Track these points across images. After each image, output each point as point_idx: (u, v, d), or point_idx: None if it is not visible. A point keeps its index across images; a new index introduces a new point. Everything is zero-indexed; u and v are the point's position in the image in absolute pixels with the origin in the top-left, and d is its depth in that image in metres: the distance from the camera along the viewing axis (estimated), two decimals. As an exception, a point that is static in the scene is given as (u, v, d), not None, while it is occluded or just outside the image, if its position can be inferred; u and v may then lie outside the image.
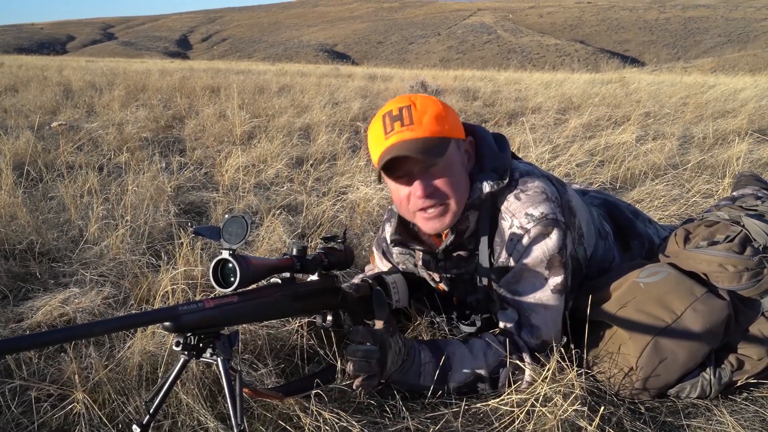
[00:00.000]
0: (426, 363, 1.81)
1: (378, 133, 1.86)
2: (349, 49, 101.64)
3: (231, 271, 1.49)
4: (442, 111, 1.86)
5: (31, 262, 2.73)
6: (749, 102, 8.59)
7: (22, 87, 9.11)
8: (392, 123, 1.83)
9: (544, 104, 8.77)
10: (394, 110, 1.85)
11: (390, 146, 1.81)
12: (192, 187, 4.17)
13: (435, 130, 1.82)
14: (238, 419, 1.39)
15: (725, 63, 39.46)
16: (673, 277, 1.91)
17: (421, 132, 1.80)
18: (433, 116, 1.83)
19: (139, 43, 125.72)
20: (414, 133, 1.80)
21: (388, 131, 1.83)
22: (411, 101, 1.85)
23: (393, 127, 1.82)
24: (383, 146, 1.83)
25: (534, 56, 77.97)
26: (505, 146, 2.01)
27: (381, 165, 1.81)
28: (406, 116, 1.82)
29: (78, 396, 1.69)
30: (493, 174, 1.91)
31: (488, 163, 1.94)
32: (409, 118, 1.82)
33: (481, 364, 1.81)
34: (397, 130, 1.81)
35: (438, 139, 1.82)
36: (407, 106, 1.83)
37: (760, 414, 1.82)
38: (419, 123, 1.81)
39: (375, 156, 1.88)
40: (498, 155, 1.96)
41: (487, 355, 1.82)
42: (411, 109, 1.83)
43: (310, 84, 10.88)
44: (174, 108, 7.47)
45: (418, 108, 1.83)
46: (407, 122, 1.81)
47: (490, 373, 1.82)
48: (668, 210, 3.73)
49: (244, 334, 2.07)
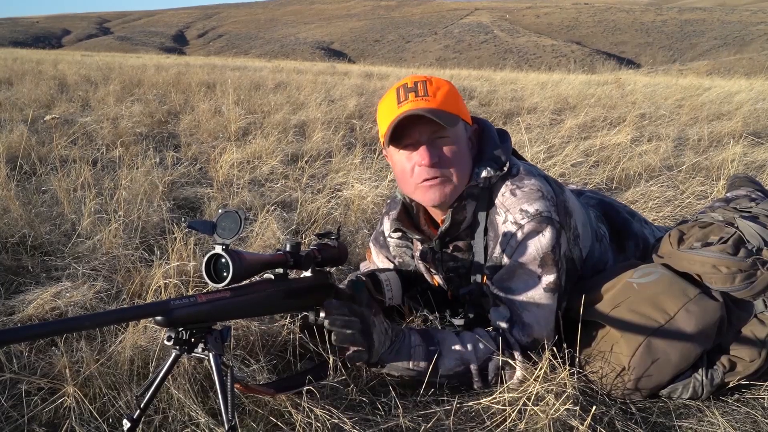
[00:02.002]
0: (416, 346, 1.82)
1: (391, 103, 1.89)
2: (346, 47, 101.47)
3: (224, 266, 1.48)
4: (456, 92, 1.92)
5: (24, 255, 2.72)
6: (744, 105, 8.60)
7: (17, 80, 9.06)
8: (406, 93, 1.87)
9: (540, 104, 8.77)
10: (409, 83, 1.89)
11: (403, 111, 1.83)
12: (186, 183, 4.16)
13: (448, 105, 1.86)
14: (229, 415, 1.38)
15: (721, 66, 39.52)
16: (666, 277, 1.91)
17: (435, 104, 1.84)
18: (446, 92, 1.88)
19: (135, 38, 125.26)
20: (428, 103, 1.84)
21: (401, 100, 1.86)
22: (426, 78, 1.90)
23: (407, 97, 1.86)
24: (395, 113, 1.85)
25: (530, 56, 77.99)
26: (506, 140, 2.04)
27: (391, 129, 1.83)
28: (421, 89, 1.86)
29: (68, 390, 1.68)
30: (492, 163, 1.94)
31: (489, 153, 1.97)
32: (423, 90, 1.86)
33: (471, 356, 1.82)
34: (411, 100, 1.85)
35: (450, 113, 1.85)
36: (423, 81, 1.88)
37: (751, 415, 1.82)
38: (433, 96, 1.85)
39: (384, 124, 1.90)
40: (499, 147, 1.99)
41: (477, 348, 1.82)
42: (426, 84, 1.88)
43: (307, 81, 10.85)
44: (169, 103, 7.44)
45: (434, 84, 1.88)
46: (422, 93, 1.85)
47: (480, 366, 1.82)
48: (662, 211, 3.73)
49: (236, 329, 2.06)
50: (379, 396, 1.84)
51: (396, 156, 1.94)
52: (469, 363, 1.82)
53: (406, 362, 1.81)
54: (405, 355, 1.81)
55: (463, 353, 1.82)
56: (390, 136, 1.86)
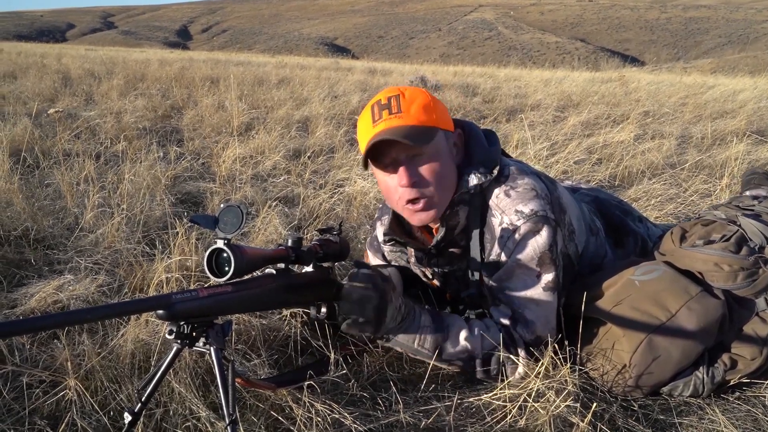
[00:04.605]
0: (425, 326, 1.81)
1: (366, 121, 1.87)
2: (350, 43, 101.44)
3: (225, 261, 1.48)
4: (430, 102, 1.87)
5: (26, 248, 2.72)
6: (748, 103, 8.58)
7: (21, 74, 9.06)
8: (380, 111, 1.84)
9: (544, 101, 8.76)
10: (382, 99, 1.86)
11: (377, 133, 1.81)
12: (189, 177, 4.16)
13: (422, 119, 1.83)
14: (230, 409, 1.38)
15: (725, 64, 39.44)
16: (668, 275, 1.91)
17: (409, 120, 1.81)
18: (420, 105, 1.84)
19: (139, 32, 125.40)
20: (401, 120, 1.81)
21: (376, 119, 1.84)
22: (400, 91, 1.87)
23: (381, 116, 1.83)
24: (371, 134, 1.83)
25: (534, 53, 77.90)
26: (494, 141, 2.01)
27: (367, 150, 1.82)
28: (394, 105, 1.83)
29: (70, 383, 1.69)
30: (481, 167, 1.91)
31: (477, 156, 1.94)
32: (397, 107, 1.83)
33: (477, 346, 1.81)
34: (384, 118, 1.82)
35: (425, 127, 1.83)
36: (395, 96, 1.85)
37: (752, 413, 1.82)
38: (407, 111, 1.82)
39: (363, 144, 1.88)
40: (487, 149, 1.96)
41: (484, 338, 1.82)
42: (399, 98, 1.84)
43: (310, 77, 10.84)
44: (172, 98, 7.44)
45: (407, 97, 1.85)
46: (395, 110, 1.82)
47: (483, 358, 1.82)
48: (665, 209, 3.73)
49: (237, 324, 2.07)
50: (380, 391, 1.84)
51: (378, 174, 1.93)
52: (473, 352, 1.82)
53: (412, 341, 1.81)
54: (412, 334, 1.80)
55: (470, 342, 1.81)
56: (367, 159, 1.85)
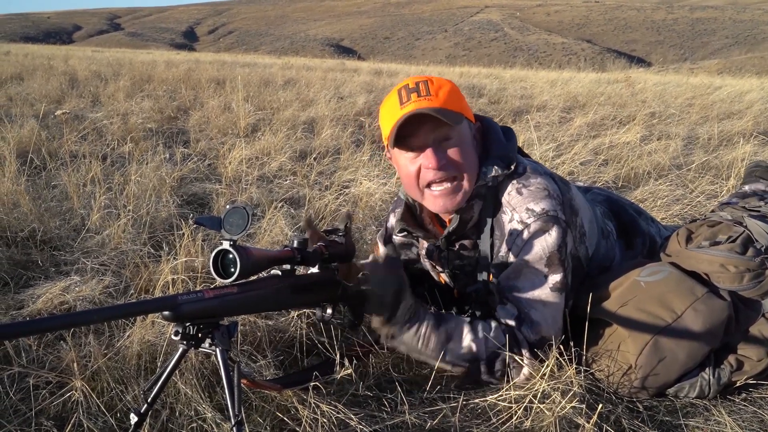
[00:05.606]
0: (429, 327, 1.81)
1: (393, 104, 1.87)
2: (356, 44, 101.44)
3: (231, 262, 1.48)
4: (457, 90, 1.90)
5: (33, 249, 2.73)
6: (755, 104, 8.56)
7: (28, 75, 9.11)
8: (408, 94, 1.85)
9: (550, 102, 8.75)
10: (410, 84, 1.87)
11: (406, 112, 1.81)
12: (195, 179, 4.17)
13: (451, 103, 1.84)
14: (236, 410, 1.38)
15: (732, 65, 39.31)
16: (674, 276, 1.91)
17: (438, 103, 1.82)
18: (448, 91, 1.86)
19: (145, 34, 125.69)
20: (431, 103, 1.82)
21: (404, 101, 1.84)
22: (427, 78, 1.88)
23: (410, 98, 1.84)
24: (398, 115, 1.83)
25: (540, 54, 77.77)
26: (512, 137, 2.03)
27: (396, 129, 1.81)
28: (422, 88, 1.84)
29: (76, 384, 1.69)
30: (498, 161, 1.92)
31: (495, 151, 1.95)
32: (426, 90, 1.84)
33: (481, 348, 1.81)
34: (413, 100, 1.83)
35: (454, 111, 1.84)
36: (423, 81, 1.86)
37: (759, 414, 1.81)
38: (436, 95, 1.83)
39: (388, 127, 1.87)
40: (504, 145, 1.98)
41: (488, 339, 1.81)
42: (428, 83, 1.86)
43: (316, 78, 10.86)
44: (179, 99, 7.46)
45: (434, 83, 1.86)
46: (424, 93, 1.83)
47: (488, 358, 1.81)
48: (671, 210, 3.72)
49: (243, 325, 2.07)
50: (386, 392, 1.84)
51: (401, 159, 1.92)
52: (478, 354, 1.81)
53: (416, 342, 1.80)
54: (417, 334, 1.80)
55: (474, 344, 1.81)
56: (395, 138, 1.83)
